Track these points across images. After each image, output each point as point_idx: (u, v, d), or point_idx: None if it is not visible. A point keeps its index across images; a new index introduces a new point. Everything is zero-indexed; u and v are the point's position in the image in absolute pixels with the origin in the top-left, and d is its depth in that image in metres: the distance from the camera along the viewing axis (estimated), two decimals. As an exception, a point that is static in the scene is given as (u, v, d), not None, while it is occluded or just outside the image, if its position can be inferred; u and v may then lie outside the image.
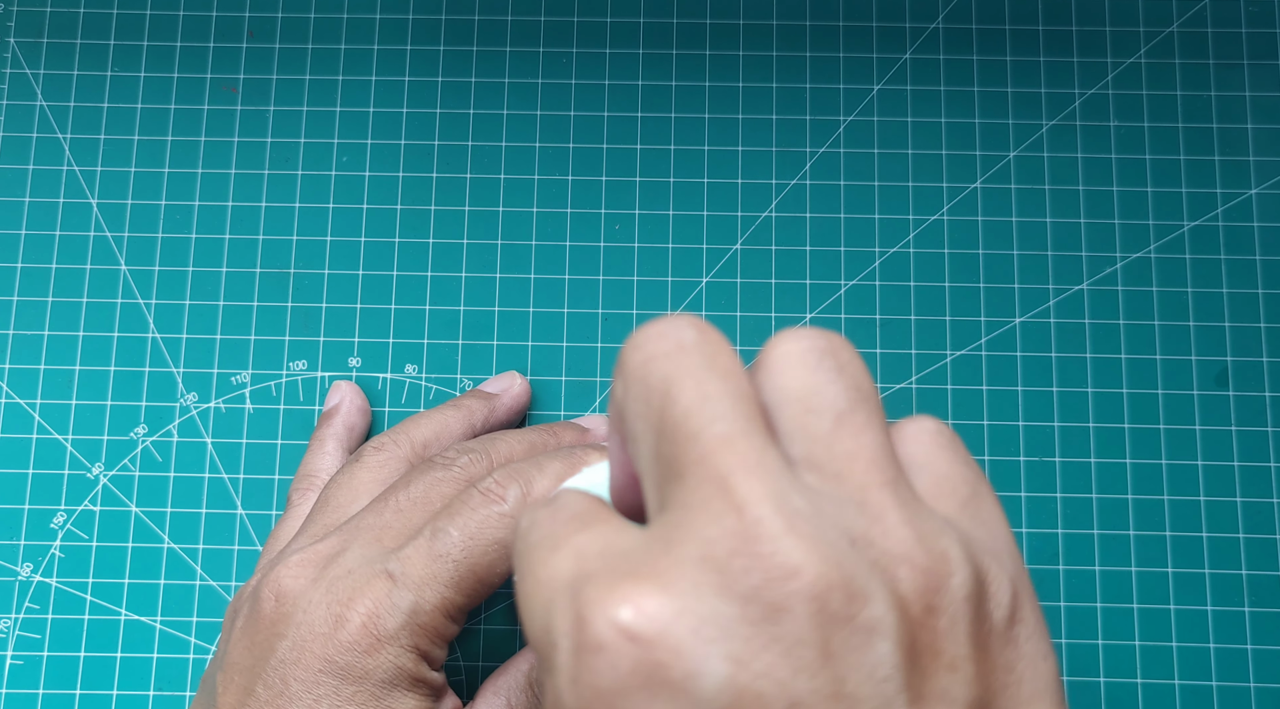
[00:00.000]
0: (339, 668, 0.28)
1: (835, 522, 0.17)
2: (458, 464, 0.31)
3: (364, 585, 0.28)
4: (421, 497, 0.31)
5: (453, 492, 0.31)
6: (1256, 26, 0.43)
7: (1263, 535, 0.38)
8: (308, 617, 0.28)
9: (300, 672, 0.28)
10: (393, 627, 0.28)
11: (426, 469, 0.31)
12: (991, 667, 0.17)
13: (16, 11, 0.43)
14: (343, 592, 0.28)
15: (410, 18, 0.43)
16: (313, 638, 0.28)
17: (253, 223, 0.41)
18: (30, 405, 0.40)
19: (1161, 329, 0.40)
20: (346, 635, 0.28)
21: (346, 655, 0.28)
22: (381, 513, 0.30)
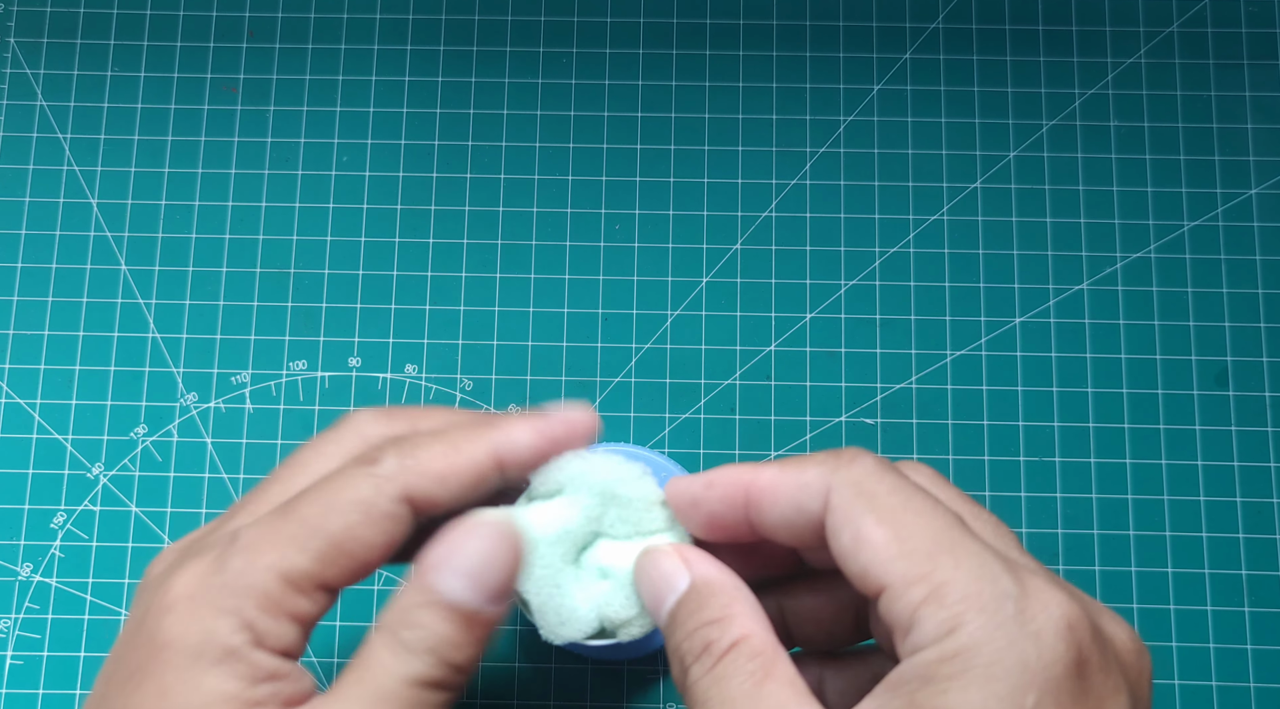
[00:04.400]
0: (155, 638, 0.23)
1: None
2: (352, 425, 0.27)
3: (205, 551, 0.24)
4: (299, 465, 0.27)
5: None
6: (1256, 26, 0.43)
7: (1263, 535, 0.38)
8: (146, 595, 0.25)
9: (130, 651, 0.24)
10: (211, 586, 0.23)
11: (321, 434, 0.28)
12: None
13: (16, 11, 0.43)
14: (186, 561, 0.25)
15: (410, 18, 0.43)
16: (144, 612, 0.24)
17: (253, 223, 0.41)
18: (30, 405, 0.40)
19: (1161, 329, 0.40)
20: (166, 598, 0.24)
21: (160, 619, 0.23)
22: (261, 486, 0.27)
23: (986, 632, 0.20)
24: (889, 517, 0.22)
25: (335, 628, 0.38)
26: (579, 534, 0.27)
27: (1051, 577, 0.21)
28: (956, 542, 0.21)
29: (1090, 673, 0.20)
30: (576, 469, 0.27)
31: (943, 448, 0.39)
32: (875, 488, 0.23)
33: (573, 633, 0.26)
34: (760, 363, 0.40)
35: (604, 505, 0.27)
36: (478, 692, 0.37)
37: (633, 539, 0.27)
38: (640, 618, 0.26)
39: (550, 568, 0.26)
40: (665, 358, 0.40)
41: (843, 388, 0.40)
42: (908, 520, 0.22)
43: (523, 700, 0.37)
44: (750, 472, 0.25)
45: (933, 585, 0.21)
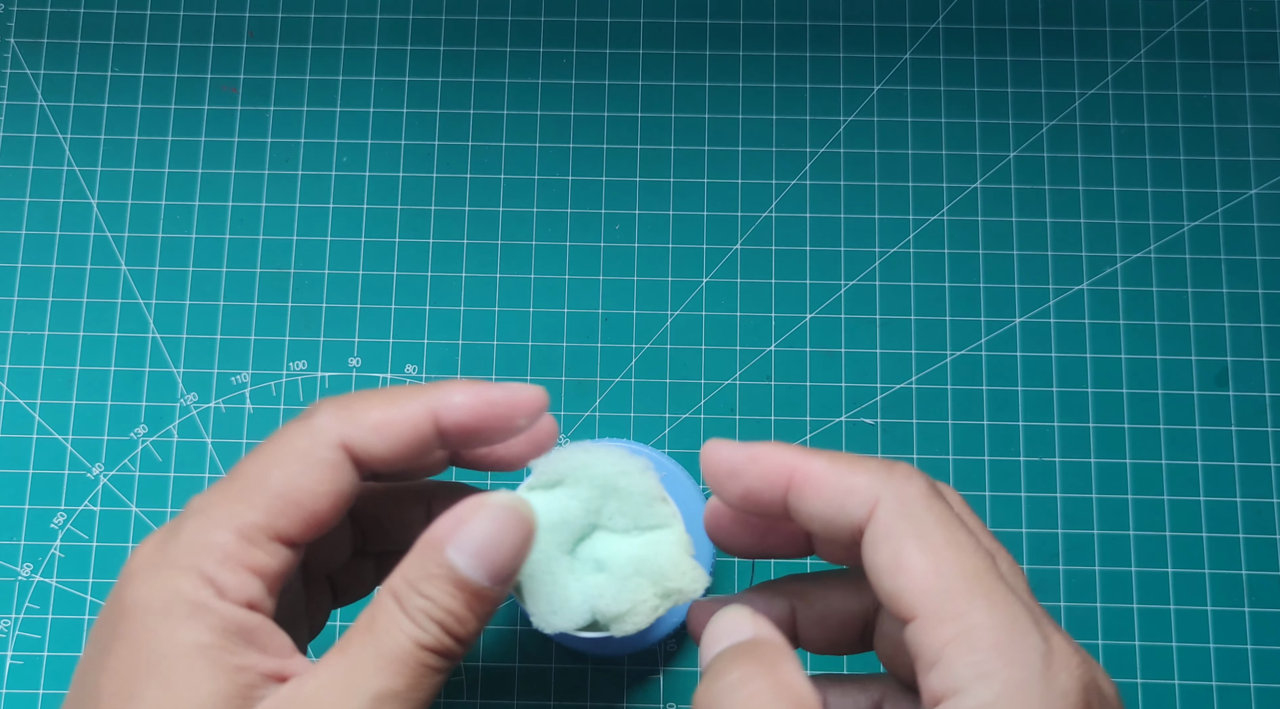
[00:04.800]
0: (121, 606, 0.24)
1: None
2: (312, 405, 0.27)
3: (172, 525, 0.25)
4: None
5: None
6: (1256, 27, 0.43)
7: (1263, 535, 0.38)
8: (126, 571, 0.25)
9: (101, 628, 0.25)
10: (169, 550, 0.24)
11: (285, 424, 0.28)
12: None
13: (17, 12, 0.43)
14: (156, 537, 0.25)
15: (410, 18, 0.43)
16: (121, 589, 0.25)
17: (253, 223, 0.41)
18: (30, 405, 0.40)
19: (1161, 329, 0.40)
20: (128, 568, 0.24)
21: (124, 588, 0.24)
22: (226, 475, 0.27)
23: (1017, 687, 0.21)
24: (932, 546, 0.22)
25: (337, 628, 0.38)
26: (577, 525, 0.27)
27: (1063, 632, 0.22)
28: (992, 587, 0.22)
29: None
30: (579, 460, 0.27)
31: (943, 448, 0.39)
32: (924, 513, 0.23)
33: (564, 623, 0.26)
34: (760, 363, 0.40)
35: (604, 497, 0.27)
36: (478, 691, 0.37)
37: (631, 533, 0.27)
38: (632, 614, 0.26)
39: (546, 556, 0.27)
40: (665, 358, 0.40)
41: (843, 388, 0.40)
42: (949, 554, 0.22)
43: (523, 700, 0.37)
44: (798, 456, 0.25)
45: (964, 627, 0.21)
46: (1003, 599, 0.22)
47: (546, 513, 0.27)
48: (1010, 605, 0.22)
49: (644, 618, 0.26)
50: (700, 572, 0.27)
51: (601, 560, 0.27)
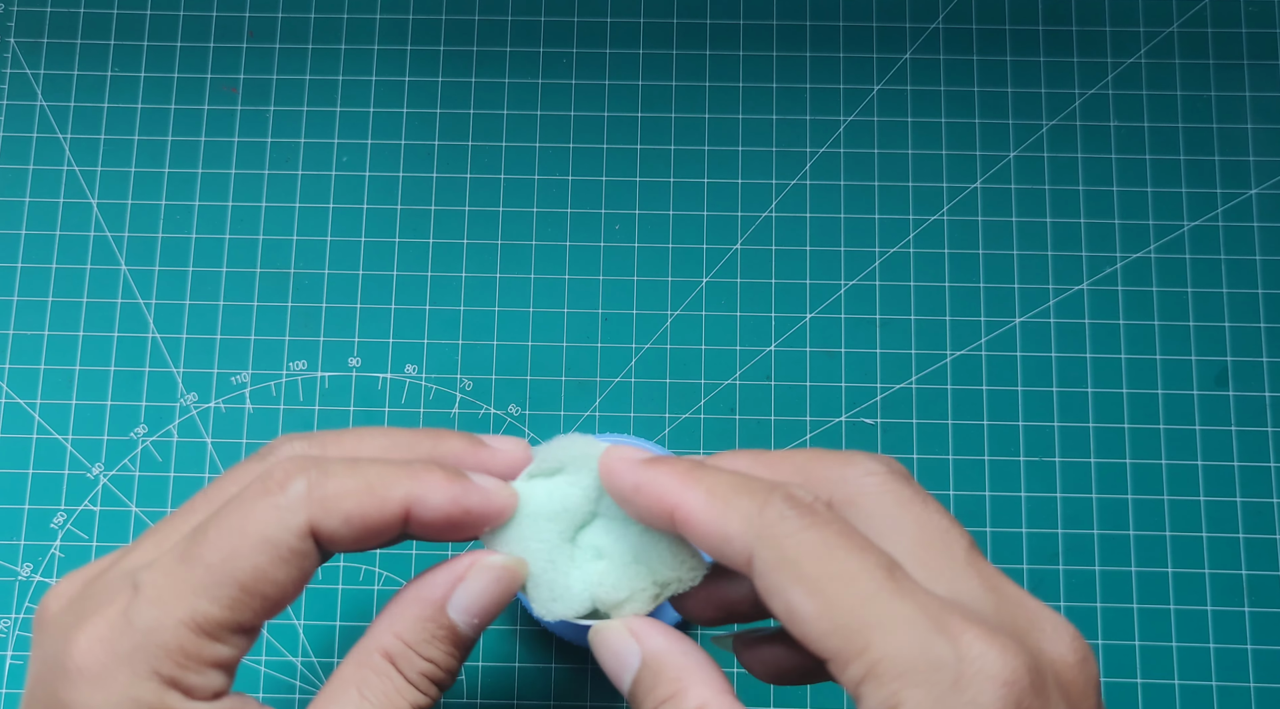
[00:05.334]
0: (64, 706, 0.22)
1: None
2: (276, 452, 0.26)
3: (105, 602, 0.23)
4: (218, 492, 0.25)
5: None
6: (1256, 26, 0.43)
7: (1263, 535, 0.38)
8: (50, 644, 0.23)
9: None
10: (124, 649, 0.22)
11: (245, 460, 0.26)
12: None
13: (17, 12, 0.43)
14: (84, 610, 0.23)
15: (410, 18, 0.43)
16: (48, 669, 0.23)
17: (253, 223, 0.41)
18: (30, 405, 0.40)
19: (1161, 329, 0.40)
20: (74, 662, 0.22)
21: (73, 689, 0.22)
22: (175, 514, 0.25)
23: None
24: (815, 587, 0.22)
25: (335, 628, 0.38)
26: (577, 513, 0.27)
27: (985, 622, 0.21)
28: (885, 608, 0.21)
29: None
30: (579, 448, 0.27)
31: (943, 448, 0.39)
32: (798, 551, 0.22)
33: (565, 610, 0.26)
34: (760, 363, 0.40)
35: (603, 486, 0.27)
36: (478, 692, 0.37)
37: (631, 521, 0.27)
38: (631, 601, 0.26)
39: (546, 544, 0.27)
40: (665, 358, 0.40)
41: (843, 388, 0.40)
42: (834, 589, 0.21)
43: (523, 701, 0.37)
44: (680, 490, 0.24)
45: (869, 663, 0.21)
46: (901, 617, 0.21)
47: (548, 501, 0.27)
48: (910, 622, 0.21)
49: (643, 606, 0.26)
50: (699, 559, 0.27)
51: (601, 548, 0.27)
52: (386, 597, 0.38)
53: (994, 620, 0.22)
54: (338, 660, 0.38)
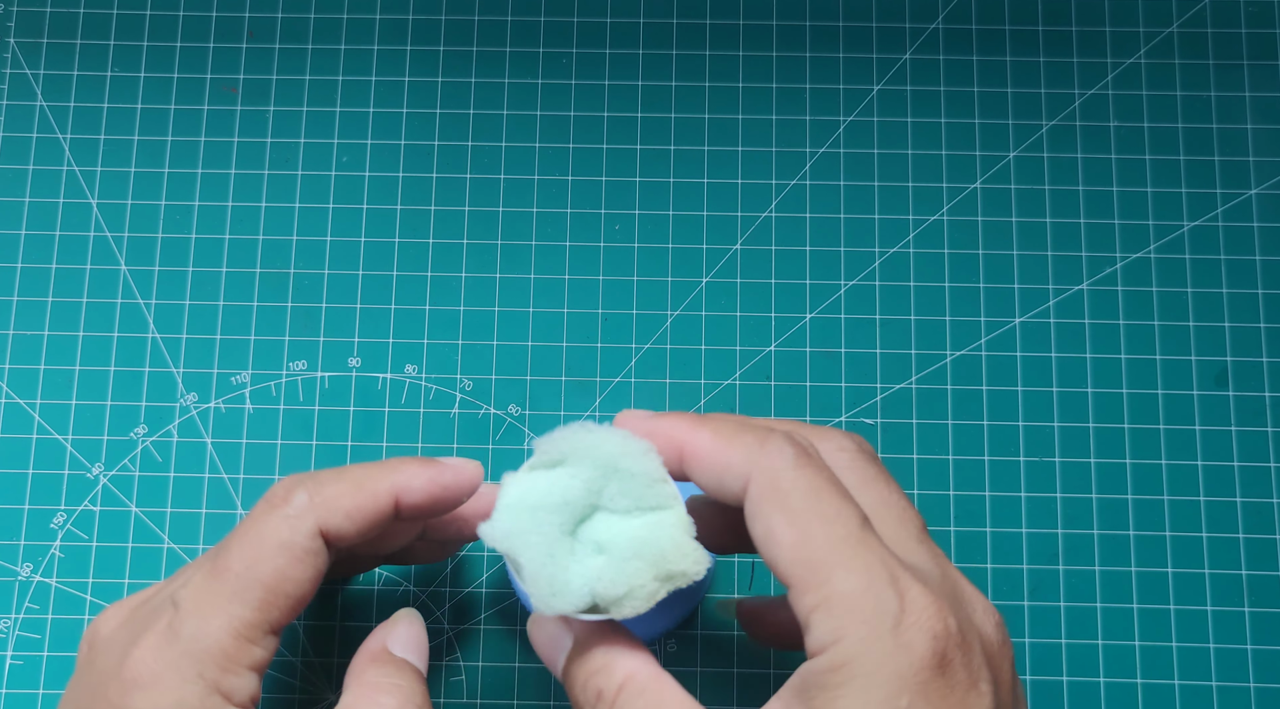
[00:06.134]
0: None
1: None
2: (275, 487, 0.29)
3: (153, 619, 0.27)
4: (235, 530, 0.29)
5: None
6: (1256, 27, 0.43)
7: (1262, 536, 0.38)
8: (104, 660, 0.27)
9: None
10: (172, 657, 0.26)
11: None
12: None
13: (16, 12, 0.43)
14: (136, 628, 0.27)
15: (410, 18, 0.43)
16: (103, 682, 0.26)
17: (253, 223, 0.41)
18: (30, 405, 0.40)
19: (1161, 329, 0.40)
20: (129, 673, 0.26)
21: (127, 696, 0.25)
22: (204, 553, 0.29)
23: (867, 645, 0.23)
24: (797, 519, 0.24)
25: (335, 628, 0.38)
26: (578, 506, 0.27)
27: (929, 585, 0.24)
28: (853, 553, 0.24)
29: (954, 670, 0.23)
30: (581, 440, 0.27)
31: (943, 448, 0.39)
32: (790, 486, 0.25)
33: (563, 605, 0.26)
34: (760, 363, 0.40)
35: (606, 478, 0.27)
36: (478, 692, 0.37)
37: (632, 515, 0.27)
38: (630, 597, 0.26)
39: (546, 537, 0.27)
40: (665, 358, 0.40)
41: (842, 388, 0.40)
42: (813, 527, 0.24)
43: (522, 701, 0.37)
44: (688, 429, 0.27)
45: (824, 595, 0.24)
46: (862, 563, 0.24)
47: (548, 493, 0.27)
48: (869, 569, 0.24)
49: (642, 602, 0.26)
50: (702, 553, 0.27)
51: (602, 542, 0.27)
52: (386, 597, 0.38)
53: (936, 586, 0.24)
54: (338, 660, 0.38)
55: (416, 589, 0.38)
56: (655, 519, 0.27)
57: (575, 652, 0.27)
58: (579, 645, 0.27)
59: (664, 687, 0.26)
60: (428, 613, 0.38)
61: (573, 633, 0.28)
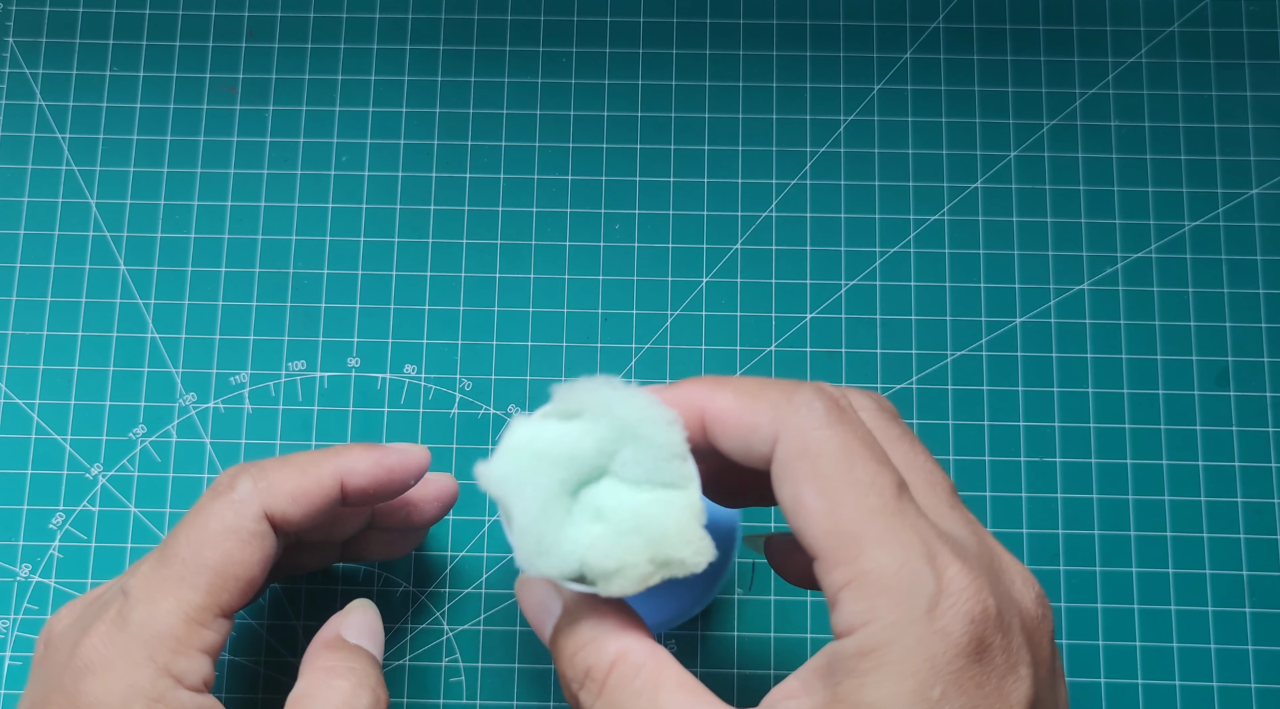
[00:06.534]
0: (74, 699, 0.26)
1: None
2: (226, 473, 0.30)
3: (103, 609, 0.27)
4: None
5: None
6: (1257, 26, 0.42)
7: (1264, 536, 0.38)
8: (57, 653, 0.27)
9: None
10: (122, 641, 0.26)
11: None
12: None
13: (15, 11, 0.43)
14: (87, 620, 0.27)
15: (410, 17, 0.43)
16: (56, 673, 0.26)
17: (252, 223, 0.41)
18: (29, 405, 0.39)
19: (1162, 329, 0.40)
20: (80, 660, 0.26)
21: (80, 682, 0.26)
22: (163, 541, 0.29)
23: (899, 629, 0.21)
24: (828, 486, 0.22)
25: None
26: (585, 465, 0.25)
27: (967, 560, 0.22)
28: (887, 525, 0.22)
29: (992, 655, 0.21)
30: (603, 396, 0.25)
31: (943, 448, 0.39)
32: (821, 447, 0.23)
33: (549, 568, 0.24)
34: (761, 363, 0.40)
35: (621, 441, 0.25)
36: (477, 693, 0.37)
37: (642, 487, 0.25)
38: (620, 575, 0.24)
39: (544, 491, 0.24)
40: (665, 358, 0.40)
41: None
42: (844, 494, 0.22)
43: (522, 702, 0.37)
44: (708, 392, 0.25)
45: (855, 572, 0.22)
46: (896, 539, 0.22)
47: (555, 443, 0.25)
48: (905, 544, 0.22)
49: (631, 583, 0.24)
50: (708, 544, 0.24)
51: (603, 509, 0.25)
52: (385, 597, 0.38)
53: (975, 560, 0.23)
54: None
55: (416, 590, 0.38)
56: (665, 497, 0.25)
57: (564, 620, 0.25)
58: (568, 614, 0.25)
59: (662, 666, 0.24)
60: (427, 614, 0.38)
61: (562, 599, 0.26)
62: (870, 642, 0.21)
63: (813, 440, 0.23)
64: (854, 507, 0.22)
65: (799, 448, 0.23)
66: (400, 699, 0.37)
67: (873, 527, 0.22)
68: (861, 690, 0.21)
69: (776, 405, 0.23)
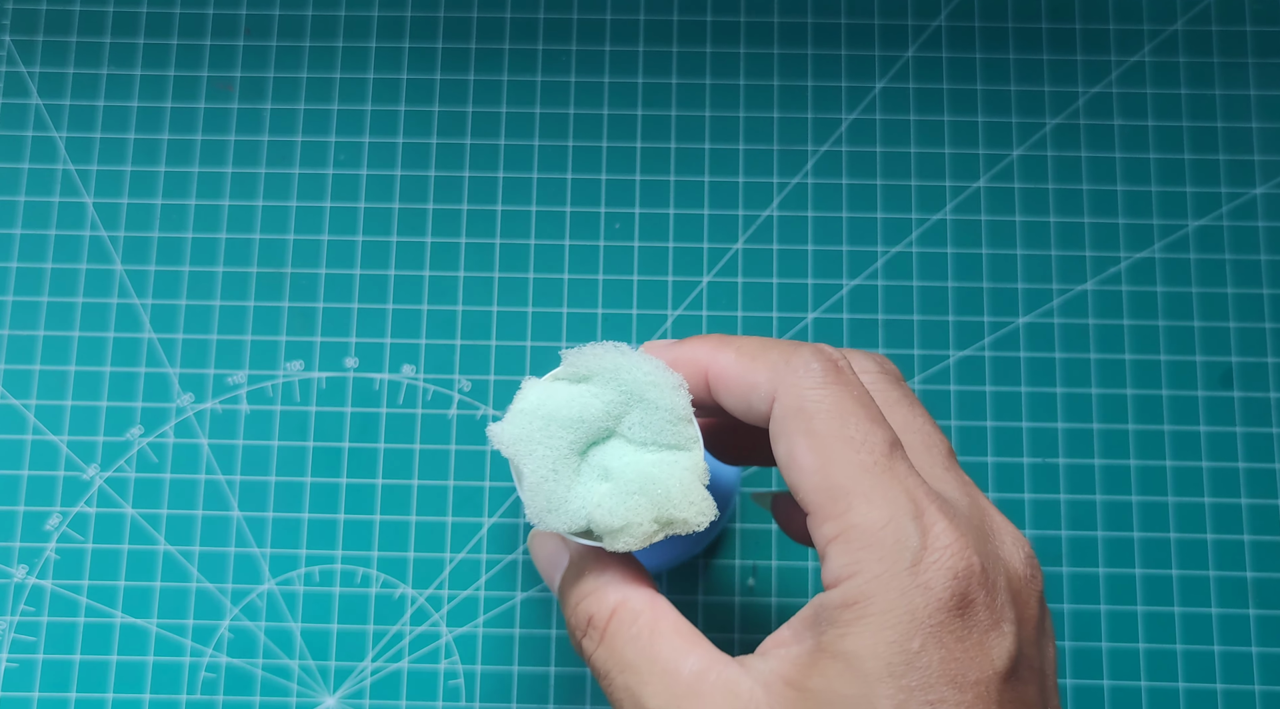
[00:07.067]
0: None
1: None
2: None
3: None
4: None
5: None
6: (1261, 24, 0.42)
7: (1267, 537, 0.38)
8: None
9: None
10: None
11: None
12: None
13: (12, 9, 0.42)
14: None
15: (408, 15, 0.42)
16: None
17: (249, 222, 0.41)
18: (25, 406, 0.39)
19: (1166, 329, 0.40)
20: None
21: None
22: None
23: (882, 581, 0.22)
24: (821, 443, 0.23)
25: (333, 631, 0.38)
26: (594, 427, 0.26)
27: (955, 519, 0.23)
28: (876, 482, 0.23)
29: (975, 611, 0.22)
30: (612, 360, 0.26)
31: (945, 449, 0.39)
32: (816, 406, 0.23)
33: (557, 523, 0.26)
34: (761, 363, 0.40)
35: (628, 405, 0.26)
36: (476, 695, 0.37)
37: (648, 448, 0.26)
38: (626, 532, 0.25)
39: (554, 451, 0.26)
40: (665, 358, 0.40)
41: (844, 389, 0.39)
42: (837, 450, 0.23)
43: (522, 704, 0.37)
44: (712, 351, 0.26)
45: (844, 526, 0.23)
46: (884, 495, 0.22)
47: (566, 406, 0.26)
48: (892, 501, 0.22)
49: (636, 540, 0.25)
50: (709, 504, 0.26)
51: (610, 470, 0.26)
52: (383, 600, 0.38)
53: (964, 519, 0.23)
54: (335, 664, 0.37)
55: (414, 592, 0.38)
56: (670, 458, 0.26)
57: (570, 572, 0.27)
58: (574, 565, 0.27)
59: (660, 614, 0.25)
60: (425, 616, 0.38)
61: (570, 552, 0.27)
62: (854, 594, 0.22)
63: (808, 399, 0.24)
64: (845, 463, 0.23)
65: (795, 405, 0.24)
66: (399, 702, 0.37)
67: (862, 482, 0.23)
68: (843, 640, 0.22)
69: (775, 365, 0.24)
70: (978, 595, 0.22)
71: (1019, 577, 0.24)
